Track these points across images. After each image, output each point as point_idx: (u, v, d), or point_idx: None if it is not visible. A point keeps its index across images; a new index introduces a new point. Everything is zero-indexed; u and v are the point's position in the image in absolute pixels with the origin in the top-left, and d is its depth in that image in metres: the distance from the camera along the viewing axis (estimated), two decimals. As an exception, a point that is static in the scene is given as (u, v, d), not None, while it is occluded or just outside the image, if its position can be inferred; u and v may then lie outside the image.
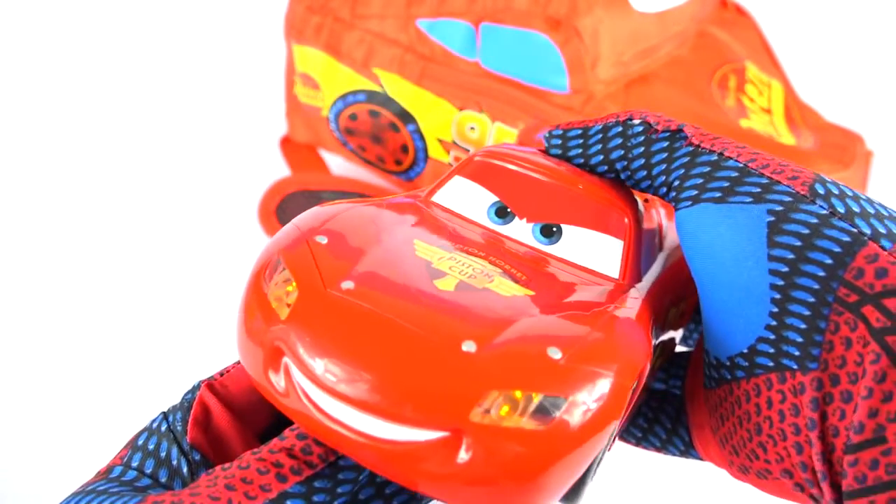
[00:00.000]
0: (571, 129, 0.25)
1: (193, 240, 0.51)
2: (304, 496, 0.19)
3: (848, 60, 0.65)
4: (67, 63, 0.62)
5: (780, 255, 0.20)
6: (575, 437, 0.17)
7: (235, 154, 0.56)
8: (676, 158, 0.23)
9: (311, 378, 0.18)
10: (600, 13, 0.40)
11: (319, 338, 0.18)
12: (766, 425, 0.20)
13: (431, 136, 0.45)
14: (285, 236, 0.21)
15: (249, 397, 0.22)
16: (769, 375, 0.20)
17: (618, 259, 0.23)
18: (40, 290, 0.48)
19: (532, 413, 0.17)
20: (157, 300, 0.47)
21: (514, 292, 0.20)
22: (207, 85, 0.61)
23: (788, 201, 0.20)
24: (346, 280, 0.19)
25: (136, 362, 0.44)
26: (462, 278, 0.20)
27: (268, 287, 0.20)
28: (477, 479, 0.17)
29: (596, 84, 0.41)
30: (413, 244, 0.22)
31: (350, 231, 0.21)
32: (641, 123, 0.23)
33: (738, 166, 0.21)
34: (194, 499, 0.18)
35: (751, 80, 0.47)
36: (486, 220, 0.24)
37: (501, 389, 0.17)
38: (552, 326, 0.19)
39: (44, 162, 0.55)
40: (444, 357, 0.17)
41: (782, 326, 0.20)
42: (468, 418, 0.17)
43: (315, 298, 0.19)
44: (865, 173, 0.45)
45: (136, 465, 0.21)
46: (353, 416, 0.18)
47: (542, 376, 0.17)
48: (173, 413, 0.21)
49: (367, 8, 0.45)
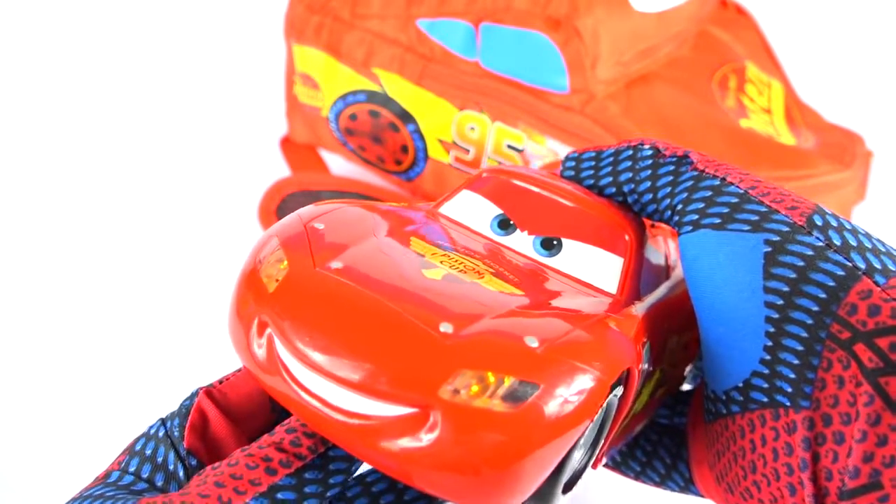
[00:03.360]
0: (585, 152, 0.25)
1: (193, 240, 0.51)
2: (295, 488, 0.19)
3: (848, 60, 0.65)
4: (68, 63, 0.62)
5: (775, 287, 0.19)
6: (545, 426, 0.17)
7: (235, 154, 0.56)
8: (681, 182, 0.23)
9: (292, 350, 0.18)
10: (600, 13, 0.40)
11: (302, 311, 0.18)
12: (759, 463, 0.20)
13: (431, 136, 0.45)
14: (285, 221, 0.22)
15: (247, 405, 0.22)
16: (763, 411, 0.20)
17: (616, 275, 0.23)
18: (39, 293, 0.48)
19: (503, 396, 0.17)
20: (156, 301, 0.47)
21: (503, 289, 0.20)
22: (208, 85, 0.61)
23: (785, 231, 0.20)
24: (336, 260, 0.20)
25: (133, 366, 0.44)
26: (452, 271, 0.20)
27: (261, 266, 0.20)
28: (442, 459, 0.17)
29: (596, 84, 0.41)
30: (410, 241, 0.22)
31: (349, 221, 0.22)
32: (651, 148, 0.24)
33: (738, 192, 0.21)
34: (184, 498, 0.18)
35: (751, 80, 0.47)
36: (489, 231, 0.24)
37: (473, 369, 0.17)
38: (534, 321, 0.19)
39: (44, 162, 0.55)
40: (420, 335, 0.18)
41: (776, 361, 0.19)
42: (437, 394, 0.17)
43: (303, 275, 0.19)
44: (865, 173, 0.45)
45: (133, 469, 0.21)
46: (328, 389, 0.18)
47: (516, 361, 0.17)
48: (171, 419, 0.21)
49: (367, 8, 0.45)
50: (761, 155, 0.42)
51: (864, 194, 0.45)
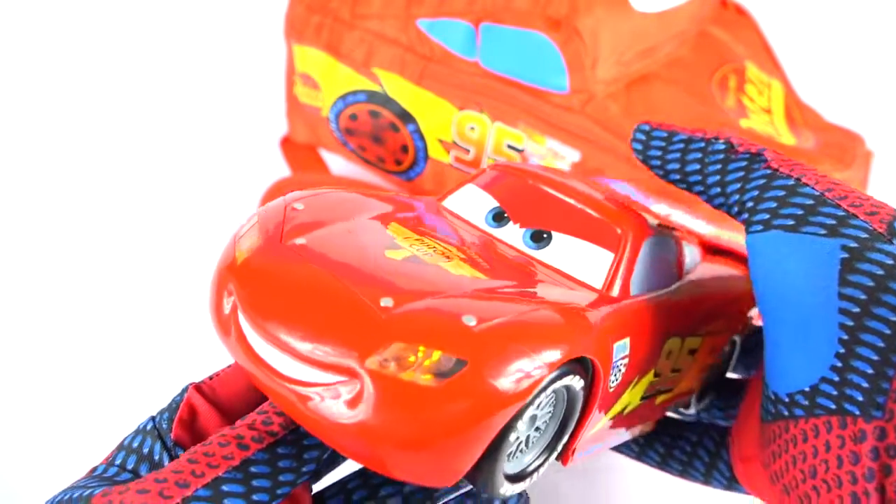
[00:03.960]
0: (658, 129, 0.25)
1: (193, 240, 0.51)
2: (268, 462, 0.19)
3: (848, 60, 0.65)
4: (68, 63, 0.62)
5: (851, 294, 0.19)
6: (469, 403, 0.17)
7: (235, 154, 0.56)
8: (753, 179, 0.22)
9: (247, 316, 0.19)
10: (600, 13, 0.40)
11: (259, 282, 0.20)
12: (821, 469, 0.19)
13: (431, 136, 0.45)
14: (271, 203, 0.23)
15: (237, 401, 0.22)
16: (830, 418, 0.19)
17: (604, 270, 0.23)
18: (38, 292, 0.48)
19: (429, 369, 0.17)
20: (156, 301, 0.47)
21: (464, 272, 0.20)
22: (208, 85, 0.61)
23: (864, 238, 0.19)
24: (301, 238, 0.21)
25: (130, 365, 0.44)
26: (416, 253, 0.21)
27: (238, 240, 0.21)
28: (364, 428, 0.17)
29: (596, 84, 0.41)
30: (388, 224, 0.23)
31: (330, 205, 0.23)
32: (725, 143, 0.23)
33: (814, 194, 0.21)
34: (157, 475, 0.18)
35: (751, 80, 0.47)
36: (483, 223, 0.25)
37: (404, 342, 0.18)
38: (482, 303, 0.19)
39: (44, 163, 0.55)
40: (359, 308, 0.18)
41: (848, 369, 0.19)
42: (364, 364, 0.17)
43: (268, 249, 0.20)
44: (866, 174, 0.45)
45: (119, 462, 0.21)
46: (273, 355, 0.19)
47: (447, 336, 0.18)
48: (161, 414, 0.22)
49: (368, 8, 0.45)
50: (761, 155, 0.42)
51: (864, 194, 0.45)
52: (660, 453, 0.29)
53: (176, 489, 0.18)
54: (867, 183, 0.45)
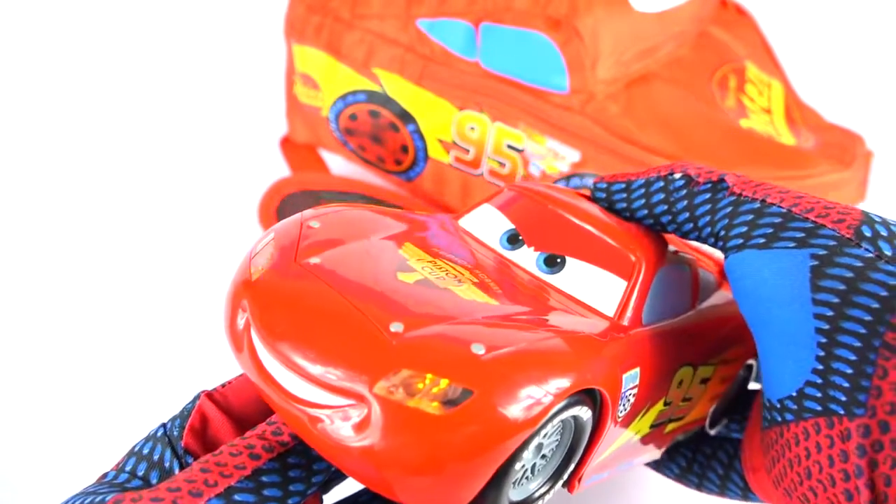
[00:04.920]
0: (615, 182, 0.26)
1: (193, 240, 0.51)
2: (279, 472, 0.19)
3: (848, 60, 0.65)
4: (68, 63, 0.62)
5: (824, 298, 0.19)
6: (474, 432, 0.17)
7: (235, 154, 0.56)
8: (720, 209, 0.23)
9: (259, 334, 0.19)
10: (600, 13, 0.40)
11: (272, 301, 0.20)
12: (815, 470, 0.20)
13: (431, 136, 0.45)
14: (287, 219, 0.23)
15: (248, 409, 0.22)
16: (817, 420, 0.20)
17: (617, 298, 0.23)
18: (38, 295, 0.48)
19: (436, 396, 0.17)
20: (156, 303, 0.47)
21: (477, 298, 0.21)
22: (208, 85, 0.61)
23: (833, 245, 0.20)
24: (316, 257, 0.21)
25: (134, 369, 0.44)
26: (429, 276, 0.21)
27: (254, 257, 0.22)
28: (370, 453, 0.18)
29: (596, 84, 0.41)
30: (402, 244, 0.23)
31: (346, 223, 0.23)
32: (683, 177, 0.24)
33: (781, 212, 0.21)
34: (169, 484, 0.18)
35: (751, 80, 0.47)
36: (497, 245, 0.24)
37: (412, 369, 0.18)
38: (492, 330, 0.19)
39: (43, 163, 0.55)
40: (369, 332, 0.18)
41: (829, 371, 0.19)
42: (372, 389, 0.18)
43: (282, 268, 0.21)
44: (865, 173, 0.45)
45: (129, 468, 0.21)
46: (284, 375, 0.19)
47: (455, 365, 0.18)
48: (172, 421, 0.22)
49: (368, 8, 0.45)
50: (761, 155, 0.42)
51: (864, 194, 0.45)
52: (680, 466, 0.30)
53: (189, 498, 0.18)
54: (867, 183, 0.45)
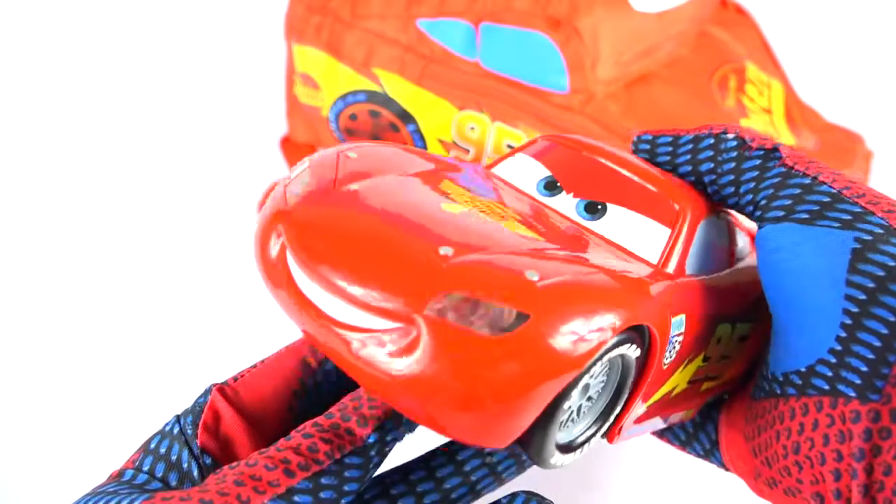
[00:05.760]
0: (661, 135, 0.25)
1: (194, 240, 0.51)
2: (311, 492, 0.19)
3: (848, 60, 0.65)
4: (68, 63, 0.62)
5: (859, 281, 0.19)
6: (528, 359, 0.17)
7: (235, 154, 0.56)
8: (767, 178, 0.22)
9: (297, 257, 0.19)
10: (600, 13, 0.40)
11: (312, 226, 0.19)
12: (805, 446, 0.20)
13: (431, 136, 0.45)
14: (323, 151, 0.22)
15: (261, 404, 0.22)
16: (821, 398, 0.20)
17: (661, 246, 0.22)
18: (42, 294, 0.48)
19: (489, 320, 0.16)
20: (157, 301, 0.47)
21: (521, 231, 0.20)
22: (208, 85, 0.61)
23: (879, 233, 0.20)
24: (356, 184, 0.20)
25: (136, 364, 0.44)
26: (472, 208, 0.20)
27: (289, 183, 0.21)
28: (418, 377, 0.17)
29: (596, 84, 0.41)
30: (441, 181, 0.22)
31: (384, 157, 0.22)
32: (735, 139, 0.23)
33: (831, 192, 0.21)
34: (203, 495, 0.18)
35: (751, 80, 0.47)
36: (534, 192, 0.24)
37: (463, 291, 0.17)
38: (543, 261, 0.18)
39: (43, 163, 0.55)
40: (418, 254, 0.18)
41: (847, 353, 0.19)
42: (422, 311, 0.17)
43: (322, 193, 0.20)
44: (866, 173, 0.45)
45: (147, 468, 0.21)
46: (326, 299, 0.18)
47: (510, 288, 0.17)
48: (185, 416, 0.21)
49: (368, 8, 0.45)
50: (761, 155, 0.42)
51: (864, 194, 0.45)
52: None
53: None
54: (867, 183, 0.45)
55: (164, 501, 0.18)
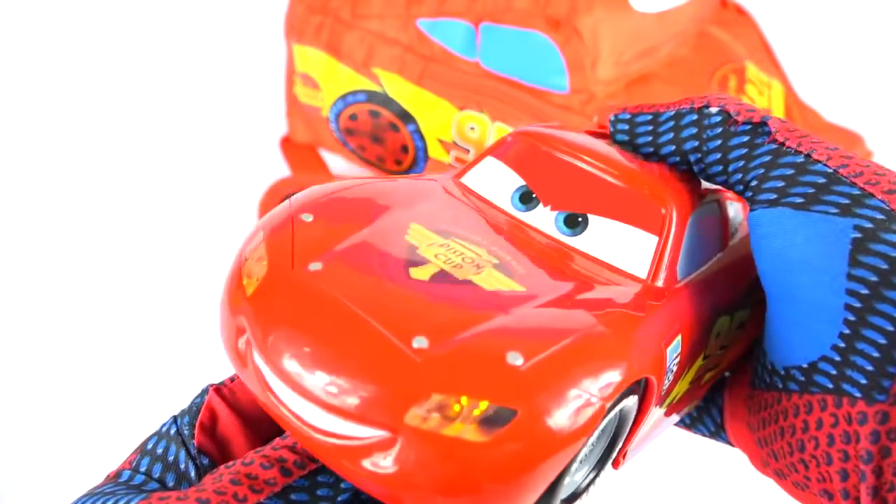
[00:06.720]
0: (640, 113, 0.23)
1: (194, 240, 0.51)
2: (308, 490, 0.19)
3: (848, 60, 0.65)
4: (68, 63, 0.62)
5: (861, 275, 0.18)
6: (523, 453, 0.16)
7: (235, 154, 0.56)
8: (756, 156, 0.20)
9: (265, 358, 0.17)
10: (600, 13, 0.40)
11: (274, 319, 0.17)
12: (810, 445, 0.19)
13: (431, 136, 0.45)
14: (275, 211, 0.20)
15: (257, 405, 0.22)
16: (825, 397, 0.19)
17: (649, 257, 0.21)
18: (41, 294, 0.48)
19: (476, 422, 0.15)
20: (157, 301, 0.47)
21: (500, 286, 0.18)
22: (208, 85, 0.61)
23: (880, 219, 0.18)
24: (316, 261, 0.18)
25: (133, 365, 0.44)
26: (444, 267, 0.19)
27: (245, 264, 0.19)
28: (410, 486, 0.16)
29: (596, 84, 0.41)
30: (408, 227, 0.20)
31: (342, 210, 0.20)
32: (720, 112, 0.21)
33: (826, 171, 0.19)
34: (200, 494, 0.18)
35: (751, 80, 0.47)
36: (509, 206, 0.22)
37: (445, 393, 0.16)
38: (526, 327, 0.17)
39: (45, 164, 0.55)
40: (392, 352, 0.16)
41: (851, 350, 0.18)
42: (403, 420, 0.16)
43: (279, 278, 0.18)
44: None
45: (144, 469, 0.21)
46: (299, 403, 0.17)
47: (493, 382, 0.16)
48: (182, 417, 0.21)
49: (368, 8, 0.45)
50: (761, 155, 0.42)
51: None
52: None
53: None
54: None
55: (160, 501, 0.18)
